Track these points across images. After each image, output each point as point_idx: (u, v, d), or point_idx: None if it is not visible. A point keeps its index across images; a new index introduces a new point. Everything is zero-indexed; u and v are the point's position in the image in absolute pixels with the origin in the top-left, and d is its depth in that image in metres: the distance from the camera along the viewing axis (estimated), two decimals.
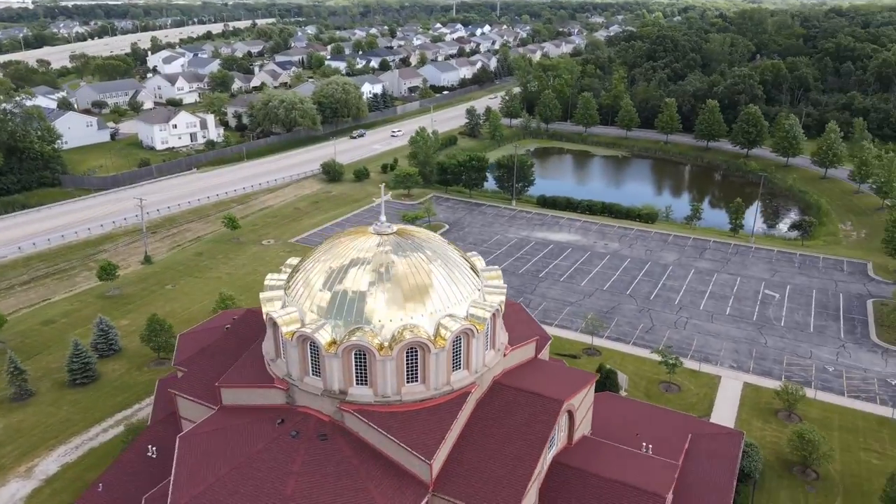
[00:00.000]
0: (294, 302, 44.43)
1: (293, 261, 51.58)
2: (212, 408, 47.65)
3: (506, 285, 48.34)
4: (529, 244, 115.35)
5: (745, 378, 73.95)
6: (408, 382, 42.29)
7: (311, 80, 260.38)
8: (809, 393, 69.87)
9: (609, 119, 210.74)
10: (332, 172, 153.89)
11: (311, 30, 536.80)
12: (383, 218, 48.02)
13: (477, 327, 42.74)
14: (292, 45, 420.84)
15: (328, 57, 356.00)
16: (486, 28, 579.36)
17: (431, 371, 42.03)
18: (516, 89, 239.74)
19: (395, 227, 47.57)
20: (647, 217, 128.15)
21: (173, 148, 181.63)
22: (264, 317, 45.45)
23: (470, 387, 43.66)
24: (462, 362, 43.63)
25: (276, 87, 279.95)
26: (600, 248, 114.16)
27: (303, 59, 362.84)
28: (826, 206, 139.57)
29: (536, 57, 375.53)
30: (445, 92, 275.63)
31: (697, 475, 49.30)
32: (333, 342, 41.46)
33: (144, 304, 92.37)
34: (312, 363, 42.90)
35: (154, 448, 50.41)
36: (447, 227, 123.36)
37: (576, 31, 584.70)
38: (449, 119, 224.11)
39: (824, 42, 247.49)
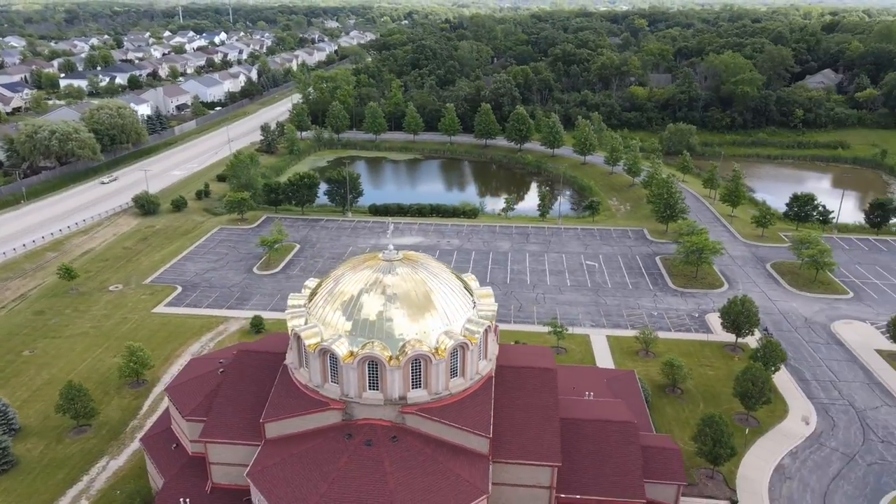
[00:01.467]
0: (337, 328, 50.28)
1: (311, 282, 56.89)
2: (252, 444, 51.20)
3: (496, 304, 58.14)
4: (384, 250, 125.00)
5: (605, 332, 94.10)
6: (452, 377, 51.33)
7: (67, 103, 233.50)
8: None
9: (395, 125, 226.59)
10: (147, 205, 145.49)
11: (14, 41, 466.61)
12: (391, 246, 55.62)
13: (399, 356, 51.77)
14: (2, 61, 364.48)
15: (62, 75, 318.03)
16: (223, 35, 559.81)
17: (469, 365, 51.61)
18: (295, 100, 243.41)
19: (401, 254, 55.42)
20: (471, 213, 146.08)
21: None
22: (311, 349, 50.31)
23: (489, 373, 54.10)
24: (482, 353, 53.67)
25: (10, 114, 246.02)
26: (445, 246, 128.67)
27: (25, 77, 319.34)
28: (595, 187, 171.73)
29: (293, 66, 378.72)
30: (218, 108, 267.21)
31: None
32: (392, 358, 48.79)
33: (10, 375, 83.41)
34: (370, 380, 49.54)
35: (187, 500, 51.81)
36: (298, 245, 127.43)
37: (317, 36, 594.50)
38: (238, 136, 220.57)
39: (552, 49, 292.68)
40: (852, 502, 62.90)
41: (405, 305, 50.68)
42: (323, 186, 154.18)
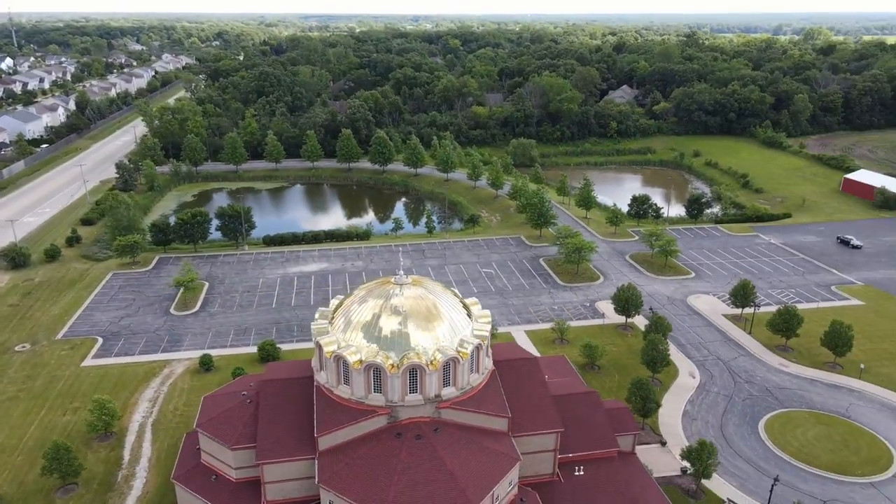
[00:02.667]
0: (368, 344, 59.28)
1: (326, 309, 64.74)
2: (305, 459, 58.53)
3: (484, 337, 69.16)
4: (295, 278, 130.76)
5: (522, 328, 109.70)
6: (471, 373, 62.51)
7: None
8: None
9: (254, 154, 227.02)
10: (17, 258, 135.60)
11: None
12: (401, 272, 65.38)
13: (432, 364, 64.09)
14: None
15: None
16: (9, 61, 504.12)
17: (481, 363, 63.15)
18: (133, 133, 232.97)
19: (410, 279, 65.39)
20: (364, 235, 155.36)
21: None
22: (355, 367, 58.59)
23: (491, 367, 65.98)
24: (487, 352, 65.43)
25: None
26: (351, 268, 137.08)
27: None
28: (464, 202, 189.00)
29: (112, 93, 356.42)
30: (45, 146, 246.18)
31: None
32: (429, 363, 58.93)
33: None
34: (411, 384, 59.17)
35: None
36: (206, 283, 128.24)
37: (123, 59, 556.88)
38: (84, 173, 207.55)
39: (393, 73, 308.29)
40: (739, 429, 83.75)
41: (429, 320, 61.01)
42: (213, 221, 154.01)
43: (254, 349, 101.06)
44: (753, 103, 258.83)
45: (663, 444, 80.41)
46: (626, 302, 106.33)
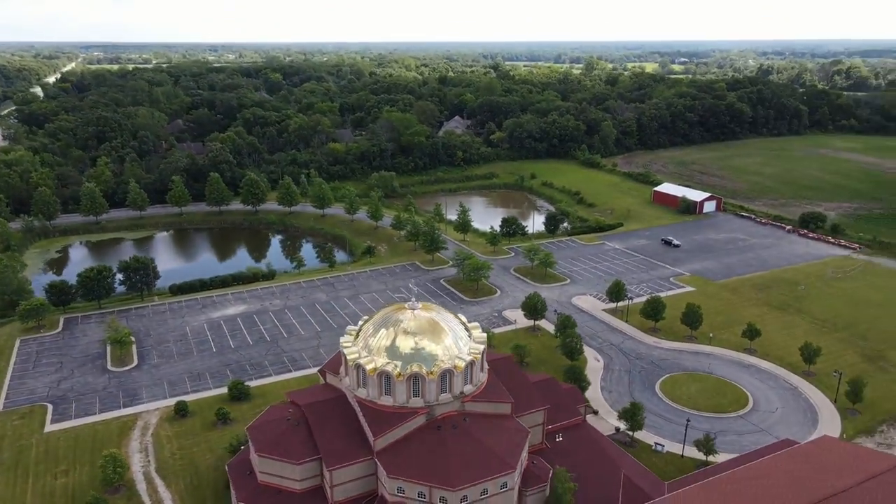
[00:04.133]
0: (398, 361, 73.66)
1: (347, 338, 77.34)
2: (364, 461, 71.39)
3: (479, 351, 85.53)
4: (221, 322, 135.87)
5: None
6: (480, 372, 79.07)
7: None
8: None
9: (114, 203, 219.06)
10: None
11: None
12: (414, 299, 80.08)
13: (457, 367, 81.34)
14: None
15: None
16: None
17: (483, 363, 79.99)
18: None
19: (420, 305, 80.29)
20: (269, 275, 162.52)
21: None
22: (398, 378, 72.29)
23: (489, 367, 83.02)
24: (485, 355, 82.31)
25: None
26: (272, 307, 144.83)
27: None
28: (348, 234, 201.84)
29: None
30: None
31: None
32: (457, 367, 74.54)
33: None
34: (446, 386, 74.24)
35: None
36: (133, 339, 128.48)
37: None
38: None
39: (242, 112, 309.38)
40: (643, 393, 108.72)
41: (446, 334, 76.72)
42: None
43: (221, 391, 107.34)
44: (571, 130, 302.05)
45: (595, 412, 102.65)
46: (534, 308, 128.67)
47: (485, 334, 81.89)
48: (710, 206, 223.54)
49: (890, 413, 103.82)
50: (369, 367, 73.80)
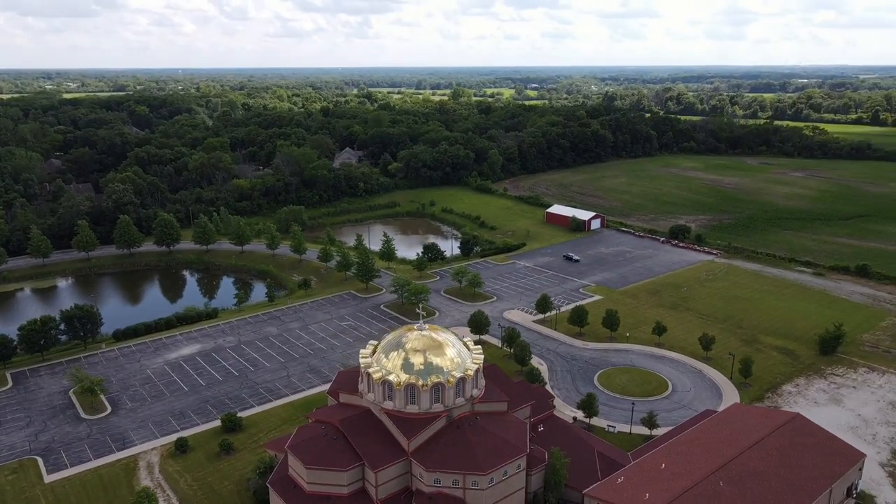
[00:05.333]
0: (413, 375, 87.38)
1: (364, 360, 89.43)
2: (402, 461, 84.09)
3: (479, 361, 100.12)
4: (181, 363, 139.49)
5: None
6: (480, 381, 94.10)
7: None
8: None
9: (12, 251, 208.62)
10: None
11: None
12: (422, 321, 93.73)
13: (467, 375, 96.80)
14: None
15: None
16: None
17: (481, 372, 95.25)
18: None
19: (427, 327, 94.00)
20: (212, 313, 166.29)
21: None
22: (423, 389, 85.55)
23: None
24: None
25: None
26: (226, 344, 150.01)
27: None
28: (273, 269, 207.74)
29: None
30: None
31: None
32: (468, 377, 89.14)
33: None
34: (459, 391, 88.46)
35: None
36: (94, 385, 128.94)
37: None
38: None
39: (133, 151, 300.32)
40: (586, 387, 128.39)
41: (449, 350, 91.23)
42: None
43: (211, 425, 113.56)
44: (462, 158, 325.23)
45: (553, 407, 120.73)
46: (480, 323, 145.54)
47: (479, 346, 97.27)
48: (596, 224, 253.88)
49: (771, 383, 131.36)
50: (396, 381, 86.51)
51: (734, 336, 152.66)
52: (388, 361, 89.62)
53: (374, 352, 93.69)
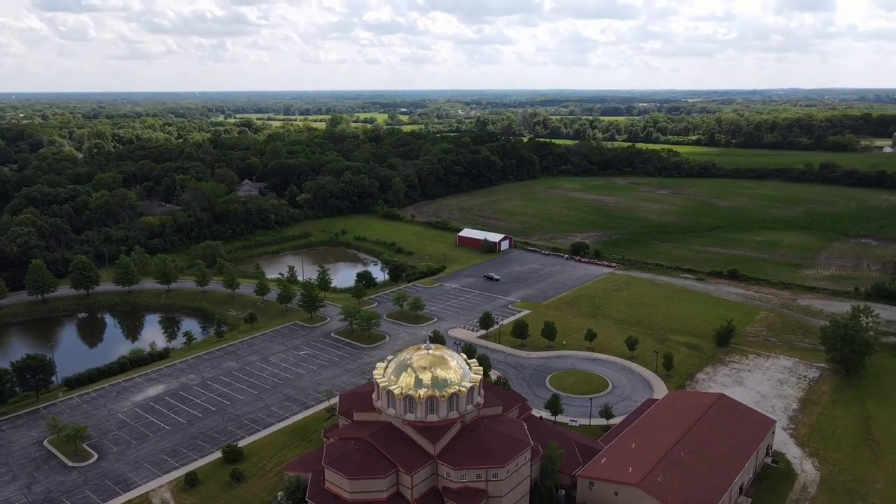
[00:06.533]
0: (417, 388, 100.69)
1: (380, 377, 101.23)
2: (430, 463, 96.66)
3: (480, 372, 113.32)
4: (152, 404, 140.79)
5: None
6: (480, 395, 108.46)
7: None
8: None
9: None
10: None
11: None
12: (429, 342, 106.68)
13: (474, 384, 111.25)
14: None
15: None
16: None
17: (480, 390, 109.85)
18: None
19: (433, 346, 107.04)
20: (164, 354, 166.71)
21: None
22: (443, 398, 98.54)
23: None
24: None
25: None
26: (190, 382, 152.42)
27: None
28: (207, 306, 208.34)
29: None
30: None
31: None
32: (476, 386, 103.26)
33: None
34: (469, 399, 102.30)
35: None
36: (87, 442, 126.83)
37: None
38: None
39: (23, 190, 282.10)
40: (540, 390, 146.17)
41: (453, 364, 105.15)
42: None
43: (210, 458, 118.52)
44: (367, 187, 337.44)
45: (530, 407, 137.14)
46: (437, 342, 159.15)
47: (474, 359, 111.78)
48: (505, 245, 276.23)
49: (687, 373, 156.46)
50: (417, 395, 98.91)
51: (648, 336, 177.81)
52: (402, 379, 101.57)
53: (384, 372, 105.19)
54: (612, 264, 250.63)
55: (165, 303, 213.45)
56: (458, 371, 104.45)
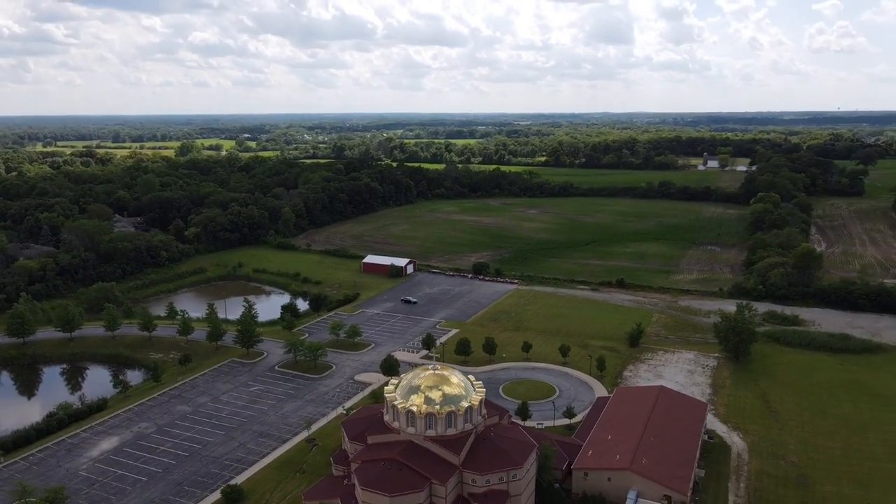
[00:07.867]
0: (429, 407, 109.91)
1: (393, 395, 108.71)
2: (456, 472, 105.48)
3: (481, 383, 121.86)
4: (111, 457, 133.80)
5: (338, 410, 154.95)
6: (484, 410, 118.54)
7: None
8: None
9: None
10: None
11: None
12: (434, 362, 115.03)
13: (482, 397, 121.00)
14: None
15: None
16: None
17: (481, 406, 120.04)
18: None
19: (438, 366, 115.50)
20: (101, 405, 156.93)
21: None
22: (460, 412, 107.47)
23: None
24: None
25: None
26: (146, 430, 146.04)
27: None
28: (125, 351, 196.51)
29: None
30: None
31: None
32: (485, 400, 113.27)
33: None
34: (479, 412, 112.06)
35: None
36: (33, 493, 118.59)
37: None
38: None
39: None
40: (497, 400, 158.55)
41: (459, 381, 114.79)
42: None
43: (213, 498, 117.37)
44: (257, 219, 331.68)
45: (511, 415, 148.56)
46: (391, 367, 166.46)
47: (471, 376, 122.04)
48: (410, 269, 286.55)
49: (615, 373, 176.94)
50: (438, 411, 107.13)
51: (572, 343, 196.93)
52: (415, 398, 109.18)
53: (396, 394, 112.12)
54: (515, 281, 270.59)
55: (73, 352, 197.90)
56: (462, 386, 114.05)
